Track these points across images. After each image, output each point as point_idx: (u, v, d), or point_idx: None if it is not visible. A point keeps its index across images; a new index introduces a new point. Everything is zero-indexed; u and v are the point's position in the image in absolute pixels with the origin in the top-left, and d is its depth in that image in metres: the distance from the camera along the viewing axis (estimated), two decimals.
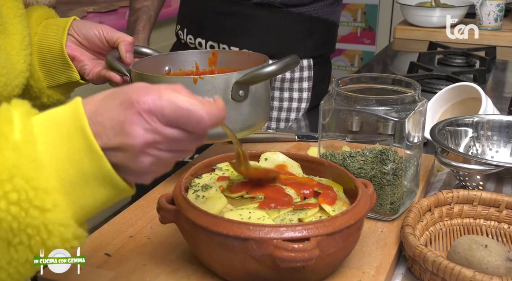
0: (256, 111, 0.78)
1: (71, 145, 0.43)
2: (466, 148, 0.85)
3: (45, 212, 0.42)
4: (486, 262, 0.58)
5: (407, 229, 0.64)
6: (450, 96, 0.97)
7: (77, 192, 0.44)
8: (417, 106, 0.71)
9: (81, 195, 0.44)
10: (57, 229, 0.42)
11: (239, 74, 0.74)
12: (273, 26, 1.17)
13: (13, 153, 0.41)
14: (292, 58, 0.76)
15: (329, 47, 1.28)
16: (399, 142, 0.70)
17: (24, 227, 0.42)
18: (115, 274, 0.61)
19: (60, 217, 0.42)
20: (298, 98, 1.24)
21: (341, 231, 0.56)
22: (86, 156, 0.43)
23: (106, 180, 0.44)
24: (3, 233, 0.41)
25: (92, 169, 0.44)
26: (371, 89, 0.78)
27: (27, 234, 0.42)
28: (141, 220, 0.73)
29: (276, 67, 0.74)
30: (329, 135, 0.76)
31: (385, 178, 0.70)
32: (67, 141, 0.43)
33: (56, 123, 0.44)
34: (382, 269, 0.62)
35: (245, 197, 0.64)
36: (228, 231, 0.55)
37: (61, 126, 0.44)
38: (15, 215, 0.41)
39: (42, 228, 0.42)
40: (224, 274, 0.60)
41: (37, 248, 0.43)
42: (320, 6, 1.19)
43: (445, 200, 0.72)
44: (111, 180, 0.45)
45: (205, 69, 0.90)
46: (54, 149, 0.43)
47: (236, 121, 0.76)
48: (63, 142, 0.43)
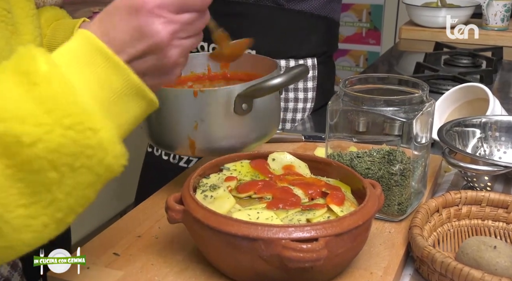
0: (263, 123, 0.75)
1: (95, 69, 0.45)
2: (474, 149, 0.85)
3: (97, 132, 0.43)
4: (495, 263, 0.58)
5: (415, 230, 0.64)
6: (458, 96, 0.97)
7: (112, 111, 0.46)
8: (425, 106, 0.71)
9: (117, 113, 0.46)
10: (110, 147, 0.44)
11: (242, 87, 0.70)
12: (275, 25, 1.17)
13: (48, 84, 0.42)
14: (300, 68, 0.71)
15: (331, 46, 1.28)
16: (407, 143, 0.70)
17: (84, 149, 0.43)
18: (123, 273, 0.61)
19: (110, 135, 0.44)
20: (303, 98, 1.24)
21: (349, 232, 0.56)
22: (112, 74, 0.45)
23: (136, 92, 0.46)
24: (66, 159, 0.42)
25: (121, 85, 0.45)
26: (378, 89, 0.78)
27: (87, 155, 0.43)
28: (149, 220, 0.73)
29: (283, 80, 0.69)
30: (337, 136, 0.76)
31: (392, 178, 0.70)
32: (90, 66, 0.45)
33: (73, 53, 0.45)
34: (390, 270, 0.62)
35: (253, 197, 0.64)
36: (237, 231, 0.55)
37: (79, 54, 0.45)
38: (74, 138, 0.42)
39: (98, 147, 0.43)
40: (232, 274, 0.60)
41: (97, 168, 0.44)
42: (320, 4, 1.19)
43: (453, 201, 0.71)
44: (141, 92, 0.47)
45: (217, 72, 0.89)
46: (80, 76, 0.44)
47: (241, 135, 0.73)
48: (86, 68, 0.45)
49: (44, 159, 0.42)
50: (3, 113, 0.41)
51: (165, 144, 0.77)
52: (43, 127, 0.41)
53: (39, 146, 0.41)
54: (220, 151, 0.73)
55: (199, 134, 0.72)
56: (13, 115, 0.41)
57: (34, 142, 0.41)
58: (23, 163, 0.42)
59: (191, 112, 0.71)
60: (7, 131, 0.41)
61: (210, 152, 0.75)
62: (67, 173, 0.43)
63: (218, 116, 0.71)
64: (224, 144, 0.73)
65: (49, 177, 0.43)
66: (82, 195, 0.45)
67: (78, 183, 0.44)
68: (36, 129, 0.41)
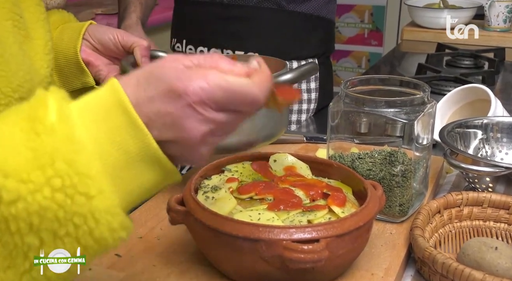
0: (274, 120, 0.74)
1: (112, 124, 0.40)
2: (476, 150, 0.85)
3: (90, 199, 0.38)
4: (496, 264, 0.58)
5: (416, 231, 0.64)
6: (459, 97, 0.97)
7: (122, 176, 0.40)
8: (426, 108, 0.71)
9: (127, 179, 0.41)
10: (104, 217, 0.39)
11: None
12: (277, 27, 1.18)
13: (51, 137, 0.38)
14: (310, 65, 0.69)
15: (329, 46, 1.29)
16: (408, 144, 0.70)
17: (71, 216, 0.38)
18: (125, 274, 0.62)
19: (107, 204, 0.39)
20: (307, 99, 1.24)
21: (351, 233, 0.56)
22: (128, 134, 0.40)
23: (152, 160, 0.41)
24: (48, 224, 0.38)
25: (137, 148, 0.40)
26: (379, 90, 0.78)
27: (74, 223, 0.38)
28: (150, 221, 0.73)
29: (292, 76, 0.67)
30: (338, 137, 0.76)
31: (394, 180, 0.70)
32: (107, 120, 0.40)
33: (93, 104, 0.41)
34: (391, 271, 0.62)
35: (254, 198, 0.64)
36: (238, 232, 0.55)
37: (99, 105, 0.41)
38: (61, 203, 0.37)
39: (89, 216, 0.38)
40: (233, 275, 0.60)
41: (84, 239, 0.39)
42: (320, 5, 1.20)
43: (454, 202, 0.71)
44: (158, 161, 0.41)
45: None
46: (93, 131, 0.40)
47: (252, 132, 0.71)
48: (102, 121, 0.40)
49: (22, 221, 0.37)
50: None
51: None
52: (28, 185, 0.37)
53: (19, 205, 0.37)
54: (222, 149, 0.72)
55: None
56: (1, 166, 0.37)
57: (13, 200, 0.37)
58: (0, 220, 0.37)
59: None
60: None
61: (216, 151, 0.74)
62: (48, 240, 0.38)
63: None
64: (228, 142, 0.70)
65: (27, 241, 0.38)
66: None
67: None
68: (19, 186, 0.37)
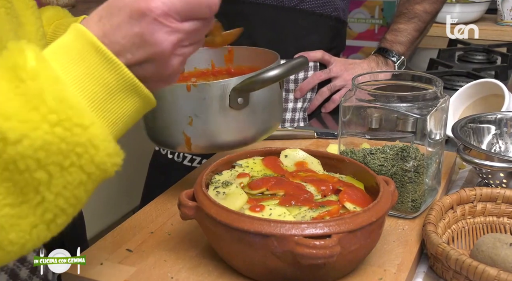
0: (261, 117, 0.73)
1: (88, 63, 0.43)
2: (489, 146, 0.84)
3: (86, 129, 0.41)
4: (511, 261, 0.57)
5: (429, 227, 0.63)
6: (472, 92, 0.96)
7: (105, 108, 0.44)
8: (439, 102, 0.70)
9: (110, 110, 0.44)
10: (102, 144, 0.42)
11: (237, 80, 0.68)
12: (276, 24, 1.16)
13: (35, 80, 0.41)
14: (299, 60, 0.69)
15: (336, 44, 1.25)
16: (420, 139, 0.69)
17: (73, 146, 0.41)
18: (136, 269, 0.62)
19: (101, 132, 0.42)
20: (302, 98, 1.22)
21: (363, 228, 0.56)
22: (105, 69, 0.43)
23: (130, 88, 0.45)
24: (54, 157, 0.41)
25: (115, 80, 0.44)
26: (391, 86, 0.78)
27: (76, 153, 0.41)
28: (161, 217, 0.73)
29: (279, 71, 0.66)
30: (349, 132, 0.75)
31: (406, 175, 0.70)
32: (83, 61, 0.43)
33: (66, 48, 0.44)
34: (404, 267, 0.61)
35: (265, 193, 0.63)
36: (249, 227, 0.55)
37: (71, 49, 0.44)
38: (61, 136, 0.40)
39: (88, 144, 0.41)
40: (244, 271, 0.60)
41: (87, 166, 0.42)
42: (322, 2, 1.17)
43: (467, 198, 0.71)
44: (135, 88, 0.45)
45: (221, 67, 0.87)
46: (71, 71, 0.43)
47: (238, 130, 0.71)
48: (78, 62, 0.43)
49: (30, 158, 0.40)
50: None
51: (162, 141, 0.75)
52: (29, 124, 0.40)
53: (25, 143, 0.40)
54: (216, 147, 0.72)
55: (194, 130, 0.70)
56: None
57: (19, 139, 0.40)
58: (8, 162, 0.40)
59: (185, 108, 0.69)
60: None
61: (207, 149, 0.73)
62: (55, 173, 0.41)
63: (213, 111, 0.69)
64: (221, 140, 0.71)
65: (37, 177, 0.41)
66: (72, 196, 0.43)
67: (68, 182, 0.42)
68: (21, 126, 0.40)
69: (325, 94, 1.18)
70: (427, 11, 1.17)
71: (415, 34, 1.18)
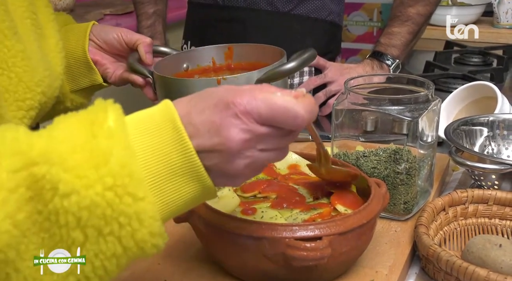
0: None
1: (161, 138, 0.43)
2: (482, 148, 0.85)
3: (137, 201, 0.40)
4: (500, 262, 0.58)
5: (421, 229, 0.64)
6: (465, 95, 0.96)
7: (162, 186, 0.43)
8: (430, 105, 0.71)
9: (166, 190, 0.43)
10: (147, 220, 0.41)
11: (260, 72, 0.75)
12: (271, 29, 1.17)
13: (107, 140, 0.41)
14: (309, 53, 0.75)
15: (331, 48, 1.26)
16: (412, 142, 0.70)
17: (117, 215, 0.40)
18: (130, 273, 0.62)
19: (150, 208, 0.41)
20: None
21: (354, 230, 0.56)
22: (175, 149, 0.43)
23: (193, 175, 0.44)
24: (95, 221, 0.40)
25: (180, 162, 0.43)
26: (384, 88, 0.78)
27: (119, 222, 0.40)
28: None
29: (296, 63, 0.74)
30: (343, 135, 0.76)
31: (398, 177, 0.70)
32: (157, 133, 0.43)
33: (146, 118, 0.44)
34: (396, 269, 0.62)
35: (257, 196, 0.64)
36: (241, 230, 0.55)
37: (152, 120, 0.44)
38: (109, 201, 0.39)
39: (134, 217, 0.40)
40: (237, 273, 0.60)
41: (126, 239, 0.40)
42: (316, 7, 1.18)
43: (459, 200, 0.71)
44: (198, 176, 0.44)
45: (222, 63, 0.91)
46: (144, 140, 0.43)
47: None
48: (153, 134, 0.43)
49: (72, 215, 0.39)
50: (54, 156, 0.39)
51: None
52: (83, 181, 0.39)
53: (73, 199, 0.39)
54: None
55: None
56: (61, 161, 0.39)
57: (69, 193, 0.39)
58: (52, 212, 0.39)
59: None
60: (47, 174, 0.39)
61: None
62: (92, 237, 0.40)
63: None
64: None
65: (72, 236, 0.40)
66: (101, 266, 0.41)
67: (101, 251, 0.41)
68: (76, 181, 0.39)
69: (320, 99, 1.18)
70: (421, 14, 1.18)
71: (409, 37, 1.18)
